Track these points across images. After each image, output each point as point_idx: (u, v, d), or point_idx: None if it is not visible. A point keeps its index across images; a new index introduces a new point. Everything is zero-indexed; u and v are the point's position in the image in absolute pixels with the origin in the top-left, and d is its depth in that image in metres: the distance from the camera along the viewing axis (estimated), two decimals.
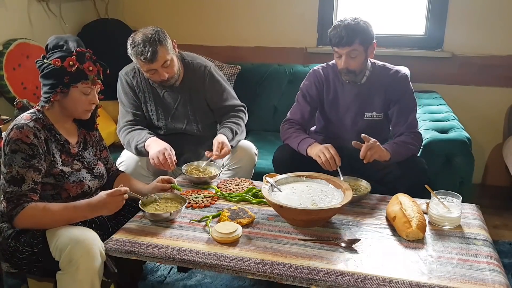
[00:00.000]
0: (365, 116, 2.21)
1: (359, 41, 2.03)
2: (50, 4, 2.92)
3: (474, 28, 3.02)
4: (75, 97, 1.68)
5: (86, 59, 1.69)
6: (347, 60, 2.07)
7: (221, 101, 2.37)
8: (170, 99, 2.32)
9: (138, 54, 2.09)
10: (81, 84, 1.67)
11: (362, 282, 1.36)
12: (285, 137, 2.23)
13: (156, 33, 2.10)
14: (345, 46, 2.03)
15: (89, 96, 1.71)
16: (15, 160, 1.57)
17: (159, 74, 2.15)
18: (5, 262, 1.66)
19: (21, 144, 1.58)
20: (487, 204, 2.86)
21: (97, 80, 1.71)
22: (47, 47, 1.72)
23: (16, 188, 1.55)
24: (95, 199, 1.60)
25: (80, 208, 1.59)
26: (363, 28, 2.04)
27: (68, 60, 1.64)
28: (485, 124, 3.14)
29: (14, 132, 1.59)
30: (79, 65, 1.65)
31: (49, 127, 1.69)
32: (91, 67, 1.69)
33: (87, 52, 1.70)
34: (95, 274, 1.49)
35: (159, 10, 3.52)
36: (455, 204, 1.69)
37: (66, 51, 1.67)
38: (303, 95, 2.28)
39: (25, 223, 1.55)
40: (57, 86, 1.65)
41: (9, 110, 2.51)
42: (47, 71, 1.66)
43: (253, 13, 3.36)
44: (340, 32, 2.02)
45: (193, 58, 2.37)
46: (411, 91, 2.18)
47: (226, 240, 1.54)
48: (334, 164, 1.98)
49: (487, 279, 1.36)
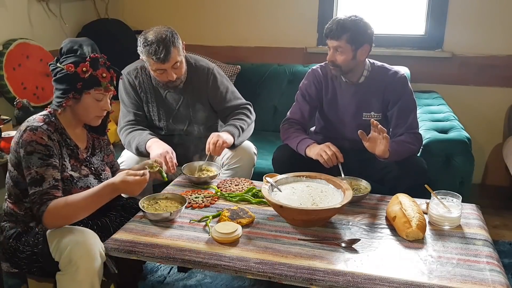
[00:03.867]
0: (364, 116, 2.21)
1: (346, 38, 2.04)
2: (50, 4, 2.92)
3: (474, 28, 3.02)
4: (87, 103, 1.67)
5: (100, 65, 1.66)
6: (333, 54, 2.11)
7: (225, 102, 2.36)
8: (172, 100, 2.32)
9: (150, 53, 2.08)
10: (94, 91, 1.65)
11: (362, 282, 1.36)
12: (284, 137, 2.24)
13: (170, 33, 2.10)
14: (332, 39, 2.08)
15: (102, 102, 1.69)
16: (32, 161, 1.55)
17: (167, 75, 2.14)
18: (6, 261, 1.66)
19: (36, 146, 1.56)
20: (487, 204, 2.86)
21: (110, 87, 1.69)
22: (61, 50, 1.69)
23: (37, 188, 1.53)
24: (118, 180, 1.58)
25: (103, 194, 1.58)
26: (355, 27, 2.05)
27: (82, 66, 1.62)
28: (485, 124, 3.14)
29: (28, 134, 1.58)
30: (92, 71, 1.63)
31: (61, 131, 1.68)
32: (105, 74, 1.66)
33: (101, 57, 1.68)
34: (95, 274, 1.48)
35: (159, 10, 3.52)
36: (455, 204, 1.69)
37: (80, 56, 1.65)
38: (302, 94, 2.28)
39: (53, 222, 1.53)
40: (69, 92, 1.63)
41: (9, 110, 2.51)
42: (60, 76, 1.64)
43: (253, 13, 3.36)
44: (331, 25, 2.08)
45: (197, 60, 2.36)
46: (410, 92, 2.18)
47: (226, 240, 1.54)
48: (336, 161, 1.99)
49: (487, 279, 1.36)
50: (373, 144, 1.96)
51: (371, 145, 1.96)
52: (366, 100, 2.19)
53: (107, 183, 1.59)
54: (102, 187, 1.59)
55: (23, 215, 1.65)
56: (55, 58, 1.70)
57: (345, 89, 2.21)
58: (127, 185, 1.58)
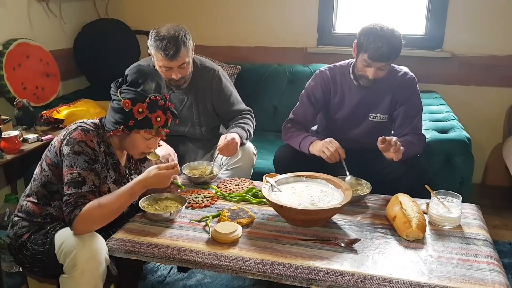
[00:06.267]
0: (369, 117, 2.20)
1: (394, 57, 2.03)
2: (50, 4, 2.92)
3: (474, 28, 3.02)
4: (135, 140, 1.66)
5: (158, 107, 1.63)
6: (376, 72, 2.05)
7: (228, 105, 2.35)
8: (176, 101, 2.31)
9: (160, 48, 2.06)
10: (143, 132, 1.64)
11: (362, 282, 1.36)
12: (286, 137, 2.23)
13: (184, 33, 2.09)
14: (381, 62, 2.01)
15: (149, 141, 1.68)
16: (77, 162, 1.53)
17: (171, 73, 2.13)
18: (10, 256, 1.65)
19: (85, 147, 1.55)
20: (487, 204, 2.86)
21: (162, 131, 1.67)
22: (126, 77, 1.66)
23: (75, 190, 1.51)
24: (151, 175, 1.60)
25: (136, 191, 1.59)
26: (400, 46, 2.03)
27: (139, 106, 1.59)
28: (485, 124, 3.14)
29: (78, 133, 1.57)
30: (148, 113, 1.61)
31: (107, 144, 1.68)
32: (159, 118, 1.63)
33: (162, 99, 1.64)
34: (99, 278, 1.48)
35: (159, 10, 3.52)
36: (455, 204, 1.69)
37: (140, 94, 1.61)
38: (308, 95, 2.27)
39: (85, 226, 1.49)
40: (120, 125, 1.62)
41: (9, 110, 2.51)
42: (116, 106, 1.63)
43: (253, 13, 3.36)
44: (382, 48, 1.96)
45: (202, 61, 2.36)
46: (418, 94, 2.18)
47: (226, 240, 1.54)
48: (338, 157, 1.98)
49: (487, 279, 1.36)
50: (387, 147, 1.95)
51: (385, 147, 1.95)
52: (375, 101, 2.19)
53: (138, 180, 1.60)
54: (134, 184, 1.59)
55: (41, 219, 1.64)
56: (119, 81, 1.67)
57: (354, 91, 2.20)
58: (160, 178, 1.61)
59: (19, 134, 2.16)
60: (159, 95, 1.64)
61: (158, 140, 1.73)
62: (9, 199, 2.19)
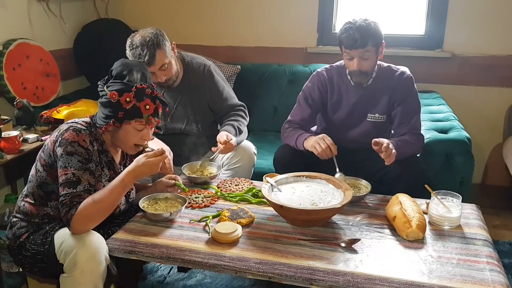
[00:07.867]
0: (368, 117, 2.20)
1: (371, 42, 2.03)
2: (50, 4, 2.92)
3: (474, 28, 3.02)
4: (127, 132, 1.66)
5: (146, 96, 1.63)
6: (360, 62, 2.06)
7: (221, 100, 2.36)
8: (170, 99, 2.32)
9: (135, 56, 2.09)
10: (134, 122, 1.64)
11: (362, 282, 1.36)
12: (283, 137, 2.24)
13: (155, 36, 2.09)
14: (358, 48, 2.02)
15: (142, 132, 1.67)
16: (71, 162, 1.53)
17: (156, 77, 2.14)
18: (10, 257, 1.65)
19: (78, 147, 1.55)
20: (487, 204, 2.86)
21: (152, 120, 1.66)
22: (111, 72, 1.67)
23: (70, 190, 1.51)
24: (139, 164, 1.58)
25: (127, 182, 1.58)
26: (375, 29, 2.04)
27: (126, 96, 1.59)
28: (485, 124, 3.14)
29: (70, 134, 1.56)
30: (135, 102, 1.61)
31: (100, 142, 1.67)
32: (148, 106, 1.63)
33: (148, 87, 1.64)
34: (99, 278, 1.48)
35: (159, 10, 3.52)
36: (455, 204, 1.69)
37: (126, 84, 1.61)
38: (305, 97, 2.27)
39: (83, 225, 1.50)
40: (110, 118, 1.61)
41: (9, 110, 2.51)
42: (104, 100, 1.63)
43: (253, 13, 3.36)
44: (353, 35, 2.01)
45: (193, 58, 2.37)
46: (415, 93, 2.18)
47: (226, 240, 1.54)
48: (330, 154, 1.98)
49: (487, 279, 1.36)
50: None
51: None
52: (373, 101, 2.19)
53: (128, 171, 1.58)
54: (124, 176, 1.57)
55: (39, 219, 1.64)
56: (106, 78, 1.68)
57: (351, 92, 2.20)
58: (149, 166, 1.59)
59: (19, 134, 2.16)
60: (145, 83, 1.64)
61: (151, 131, 1.72)
62: (9, 199, 2.20)
